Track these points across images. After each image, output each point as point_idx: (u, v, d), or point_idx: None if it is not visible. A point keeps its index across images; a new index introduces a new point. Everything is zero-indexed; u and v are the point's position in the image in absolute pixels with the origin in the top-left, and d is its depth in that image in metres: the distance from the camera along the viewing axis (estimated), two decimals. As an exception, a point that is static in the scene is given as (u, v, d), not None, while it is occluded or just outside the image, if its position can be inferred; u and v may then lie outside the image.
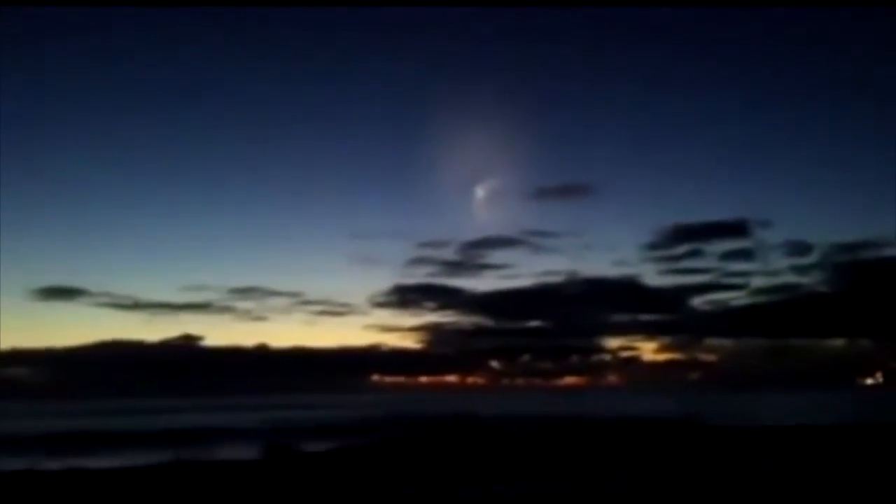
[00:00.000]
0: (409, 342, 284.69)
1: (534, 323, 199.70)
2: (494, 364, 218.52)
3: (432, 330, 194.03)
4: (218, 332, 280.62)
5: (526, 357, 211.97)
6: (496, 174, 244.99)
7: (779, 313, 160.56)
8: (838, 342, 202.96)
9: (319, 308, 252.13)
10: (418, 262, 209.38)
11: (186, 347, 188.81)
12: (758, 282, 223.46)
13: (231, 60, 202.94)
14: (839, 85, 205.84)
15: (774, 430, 33.24)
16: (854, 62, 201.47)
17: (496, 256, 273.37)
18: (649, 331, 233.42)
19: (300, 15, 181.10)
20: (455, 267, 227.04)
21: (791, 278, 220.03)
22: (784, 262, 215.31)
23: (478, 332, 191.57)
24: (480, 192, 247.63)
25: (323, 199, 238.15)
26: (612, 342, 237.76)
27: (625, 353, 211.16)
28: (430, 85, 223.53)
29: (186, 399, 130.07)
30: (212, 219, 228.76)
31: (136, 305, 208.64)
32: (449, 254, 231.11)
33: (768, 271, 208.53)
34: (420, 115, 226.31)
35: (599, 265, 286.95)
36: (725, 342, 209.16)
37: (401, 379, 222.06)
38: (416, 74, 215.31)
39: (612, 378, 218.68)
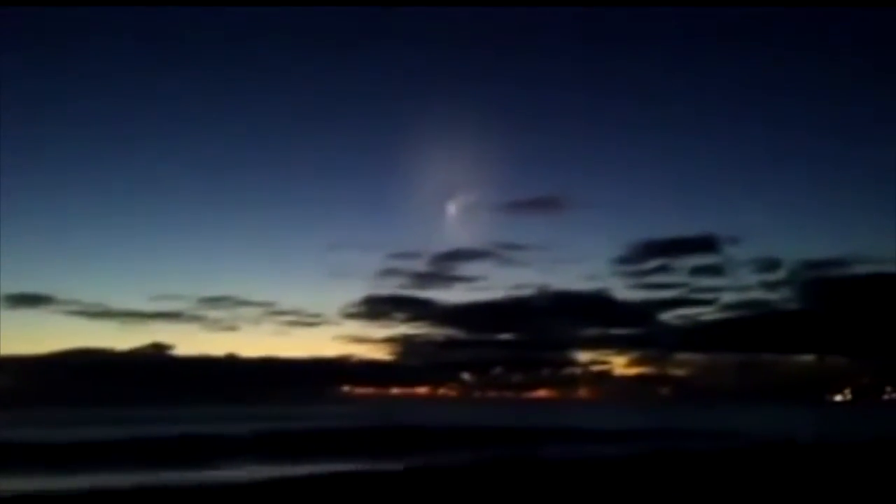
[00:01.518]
0: (380, 353, 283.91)
1: (505, 336, 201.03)
2: (466, 376, 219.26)
3: (403, 341, 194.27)
4: (188, 341, 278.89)
5: (497, 369, 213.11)
6: (467, 187, 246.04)
7: (749, 329, 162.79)
8: (808, 358, 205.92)
9: (290, 318, 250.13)
10: (389, 273, 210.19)
11: (157, 356, 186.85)
12: (727, 297, 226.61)
13: (204, 71, 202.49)
14: (809, 103, 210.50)
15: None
16: (824, 83, 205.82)
17: (467, 269, 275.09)
18: (620, 345, 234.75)
19: (275, 26, 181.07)
20: (426, 279, 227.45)
21: (760, 294, 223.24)
22: (753, 278, 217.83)
23: (449, 344, 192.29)
24: (452, 204, 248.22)
25: (295, 209, 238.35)
26: (583, 356, 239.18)
27: (596, 367, 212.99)
28: (402, 98, 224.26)
29: (158, 408, 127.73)
30: (182, 227, 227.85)
31: (105, 313, 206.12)
32: (420, 265, 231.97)
33: (738, 287, 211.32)
34: (391, 127, 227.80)
35: (569, 279, 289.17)
36: (696, 357, 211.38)
37: (371, 390, 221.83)
38: (388, 87, 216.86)
39: (584, 392, 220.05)
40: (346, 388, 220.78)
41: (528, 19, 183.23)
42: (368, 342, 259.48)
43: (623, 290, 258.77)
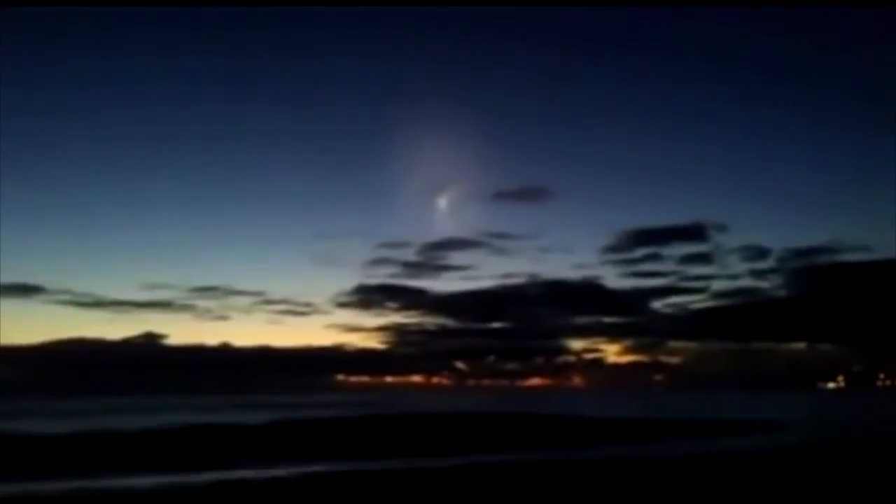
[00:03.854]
0: (373, 342, 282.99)
1: (497, 324, 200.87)
2: (459, 365, 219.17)
3: (396, 330, 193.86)
4: (180, 331, 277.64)
5: (490, 358, 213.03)
6: (455, 177, 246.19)
7: (740, 317, 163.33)
8: (799, 346, 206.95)
9: (282, 308, 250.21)
10: (379, 262, 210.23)
11: (150, 346, 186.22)
12: (717, 285, 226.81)
13: (192, 60, 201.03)
14: (795, 92, 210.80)
15: None
16: (811, 72, 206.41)
17: (456, 258, 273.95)
18: (612, 333, 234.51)
19: (263, 15, 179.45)
20: (416, 268, 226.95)
21: (750, 282, 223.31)
22: (742, 266, 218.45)
23: (441, 332, 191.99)
24: (440, 194, 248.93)
25: (284, 198, 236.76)
26: (576, 344, 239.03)
27: (589, 355, 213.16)
28: (391, 89, 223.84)
29: (156, 398, 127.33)
30: (172, 216, 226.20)
31: (96, 303, 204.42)
32: (409, 255, 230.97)
33: (727, 275, 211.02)
34: (380, 118, 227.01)
35: (559, 267, 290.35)
36: (688, 345, 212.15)
37: (365, 379, 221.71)
38: (376, 79, 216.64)
39: (577, 380, 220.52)
40: (340, 377, 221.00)
41: (513, 15, 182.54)
42: (361, 331, 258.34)
43: (613, 279, 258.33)
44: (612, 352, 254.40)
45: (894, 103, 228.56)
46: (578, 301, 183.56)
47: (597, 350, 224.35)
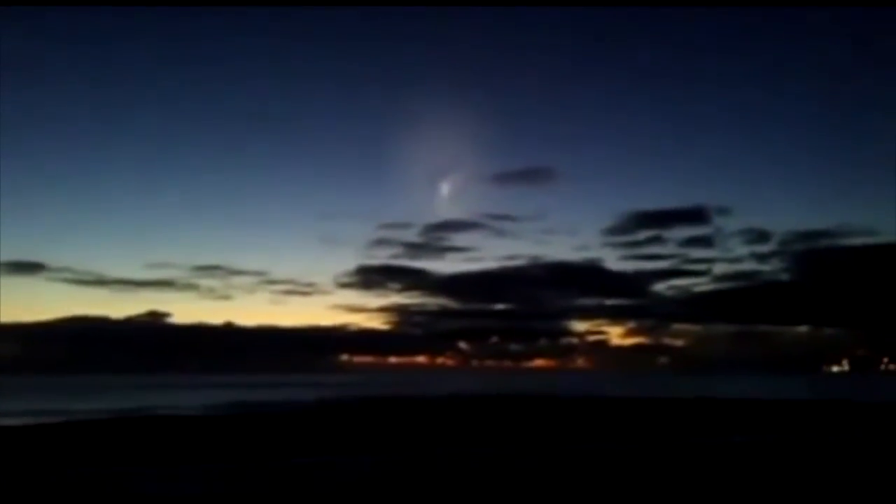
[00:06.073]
0: (376, 323, 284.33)
1: (500, 305, 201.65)
2: (463, 345, 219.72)
3: (399, 311, 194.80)
4: (183, 310, 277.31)
5: (494, 339, 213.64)
6: (457, 158, 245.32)
7: (743, 300, 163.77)
8: (802, 329, 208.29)
9: (284, 287, 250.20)
10: (381, 243, 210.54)
11: (153, 324, 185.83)
12: (720, 268, 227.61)
13: (199, 45, 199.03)
14: (796, 75, 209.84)
15: None
16: (811, 55, 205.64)
17: (458, 239, 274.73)
18: (614, 315, 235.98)
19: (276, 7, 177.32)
20: (418, 249, 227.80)
21: (752, 266, 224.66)
22: (744, 249, 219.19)
23: (444, 313, 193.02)
24: (441, 175, 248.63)
25: (287, 179, 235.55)
26: (579, 326, 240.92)
27: (592, 337, 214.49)
28: (394, 71, 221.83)
29: (165, 376, 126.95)
30: (174, 196, 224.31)
31: (98, 282, 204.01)
32: (411, 235, 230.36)
33: (729, 258, 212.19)
34: (383, 101, 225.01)
35: (561, 249, 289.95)
36: (691, 327, 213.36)
37: (370, 359, 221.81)
38: (380, 62, 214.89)
39: (581, 361, 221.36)
40: (344, 357, 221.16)
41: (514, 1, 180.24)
42: (364, 311, 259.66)
43: (615, 261, 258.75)
44: (616, 334, 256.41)
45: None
46: (581, 283, 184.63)
47: (600, 332, 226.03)
